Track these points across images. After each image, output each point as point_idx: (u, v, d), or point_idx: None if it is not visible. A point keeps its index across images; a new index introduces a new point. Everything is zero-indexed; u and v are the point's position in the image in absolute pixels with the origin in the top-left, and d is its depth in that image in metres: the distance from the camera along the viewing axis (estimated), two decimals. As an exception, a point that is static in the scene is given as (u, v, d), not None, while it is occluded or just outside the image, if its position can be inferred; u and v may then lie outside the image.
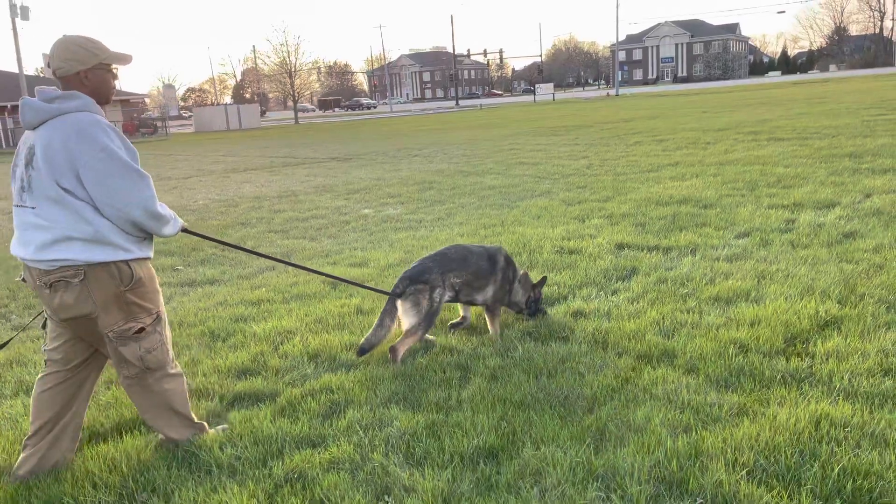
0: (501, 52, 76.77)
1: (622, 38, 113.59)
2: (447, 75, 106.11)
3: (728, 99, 32.14)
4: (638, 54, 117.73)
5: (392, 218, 8.32)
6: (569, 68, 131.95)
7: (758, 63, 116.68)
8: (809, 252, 5.20)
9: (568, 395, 3.15)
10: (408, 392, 3.29)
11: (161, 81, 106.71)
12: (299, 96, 57.64)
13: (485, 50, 78.71)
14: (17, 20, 36.91)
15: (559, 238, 6.35)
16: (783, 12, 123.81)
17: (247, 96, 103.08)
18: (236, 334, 4.30)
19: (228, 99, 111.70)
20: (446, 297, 3.86)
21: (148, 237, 2.74)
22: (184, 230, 2.93)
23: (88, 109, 2.59)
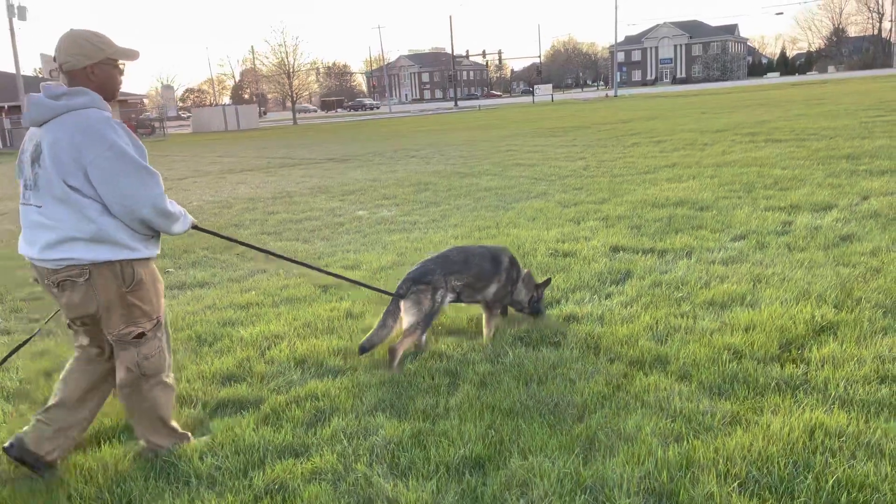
0: (500, 53, 76.73)
1: (621, 40, 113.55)
2: (446, 76, 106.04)
3: (726, 100, 32.09)
4: (637, 55, 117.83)
5: (386, 220, 8.26)
6: (568, 69, 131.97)
7: (756, 64, 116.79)
8: (806, 255, 5.13)
9: (558, 403, 3.08)
10: (395, 399, 3.22)
11: (160, 82, 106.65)
12: (297, 97, 57.55)
13: (483, 51, 78.73)
14: (15, 20, 36.88)
15: (554, 240, 6.29)
16: (781, 14, 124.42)
17: (245, 97, 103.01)
18: (223, 339, 4.23)
19: (227, 99, 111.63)
20: (448, 299, 3.86)
21: (155, 235, 2.70)
22: (194, 227, 2.88)
23: (96, 106, 2.55)
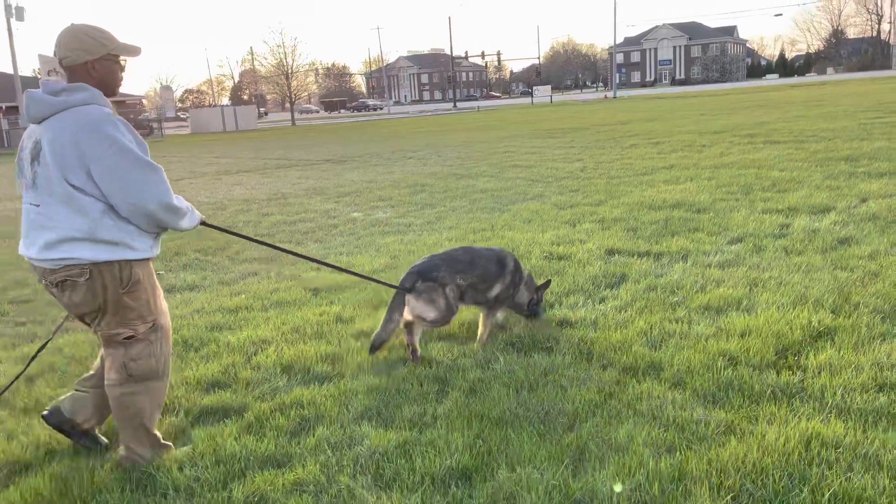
0: (499, 54, 76.44)
1: (620, 41, 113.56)
2: (445, 77, 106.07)
3: (725, 101, 32.04)
4: (636, 56, 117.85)
5: (381, 221, 8.18)
6: (567, 70, 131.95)
7: (755, 66, 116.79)
8: (803, 259, 5.06)
9: (549, 411, 3.01)
10: (381, 407, 3.15)
11: (158, 83, 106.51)
12: (296, 98, 57.47)
13: (482, 52, 78.56)
14: (12, 21, 36.81)
15: (549, 243, 6.22)
16: (780, 15, 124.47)
17: (245, 98, 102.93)
18: (210, 344, 4.15)
19: (226, 101, 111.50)
20: (455, 294, 3.82)
21: (158, 235, 2.65)
22: (203, 223, 2.83)
23: (96, 102, 2.50)
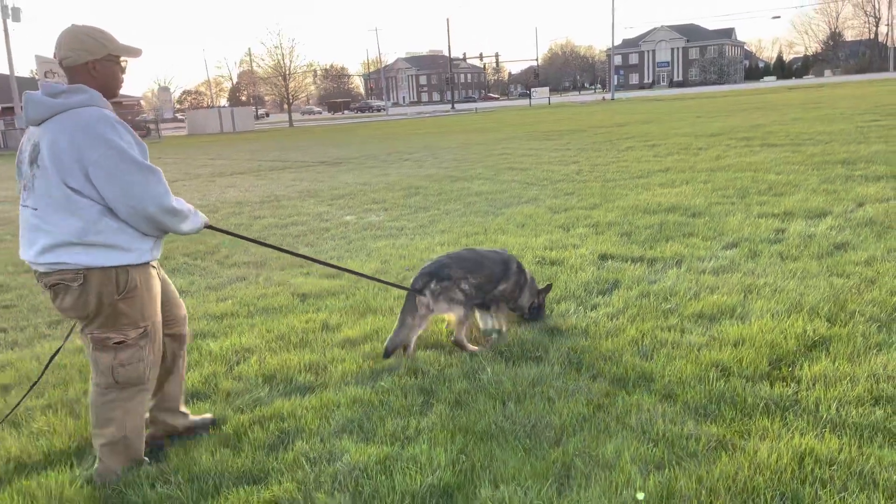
0: (497, 56, 76.53)
1: (618, 43, 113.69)
2: (443, 79, 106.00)
3: (723, 103, 32.01)
4: (634, 58, 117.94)
5: (373, 225, 8.10)
6: (565, 72, 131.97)
7: (753, 68, 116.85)
8: (799, 265, 4.98)
9: (535, 424, 2.92)
10: (363, 420, 3.06)
11: (157, 84, 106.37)
12: (294, 99, 57.38)
13: (481, 53, 78.72)
14: (9, 21, 36.68)
15: (541, 248, 6.13)
16: (778, 17, 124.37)
17: (243, 99, 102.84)
18: (192, 352, 4.05)
19: (224, 101, 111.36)
20: (468, 289, 3.81)
21: (159, 238, 2.60)
22: (209, 227, 2.77)
23: (95, 104, 2.46)
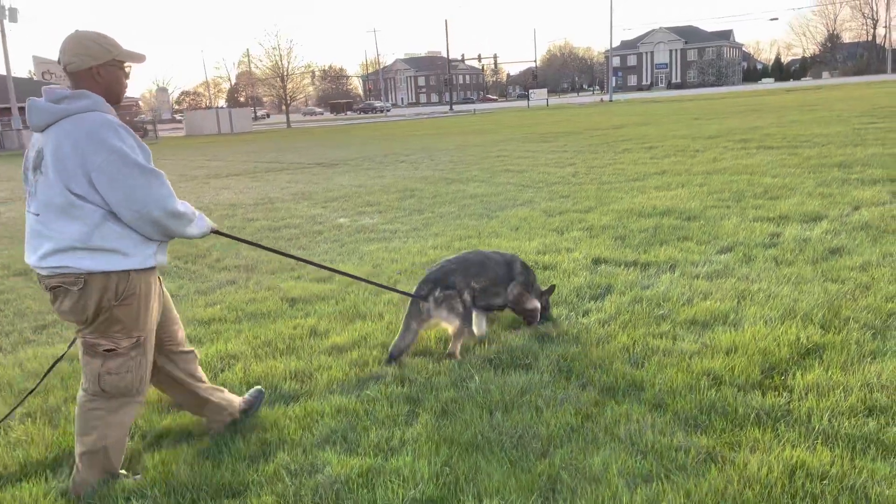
0: (496, 57, 76.53)
1: (617, 44, 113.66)
2: (442, 80, 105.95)
3: (721, 105, 31.99)
4: (632, 60, 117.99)
5: (367, 228, 8.03)
6: (564, 73, 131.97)
7: (751, 70, 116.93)
8: (793, 270, 4.93)
9: (522, 435, 2.86)
10: (348, 430, 3.00)
11: (155, 84, 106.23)
12: (292, 100, 57.32)
13: (479, 55, 78.65)
14: (6, 22, 36.58)
15: (535, 252, 6.08)
16: (776, 19, 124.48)
17: (241, 100, 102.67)
18: (177, 359, 3.99)
19: (223, 102, 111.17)
20: (470, 298, 3.81)
21: (164, 243, 2.58)
22: (215, 232, 2.75)
23: (98, 109, 2.46)
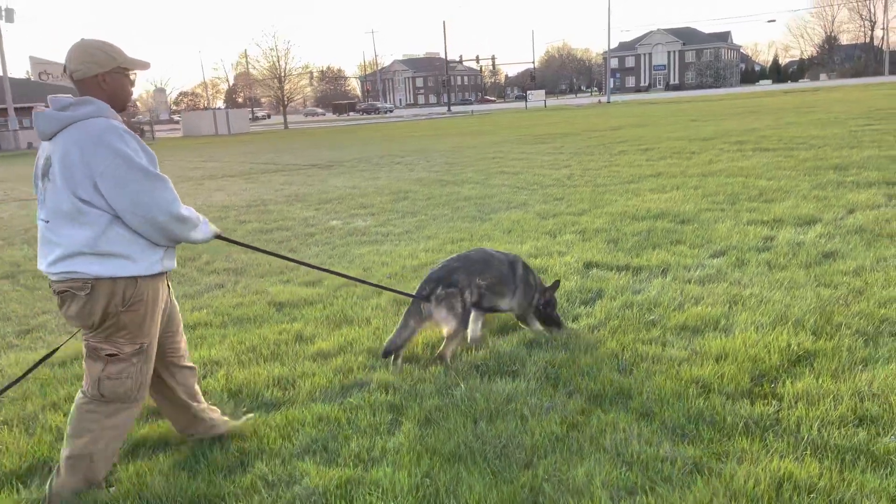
0: (494, 59, 76.63)
1: (615, 46, 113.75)
2: (440, 81, 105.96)
3: (718, 107, 31.98)
4: (630, 62, 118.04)
5: (359, 230, 7.98)
6: (562, 75, 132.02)
7: (749, 71, 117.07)
8: (786, 274, 4.88)
9: (506, 445, 2.81)
10: (328, 440, 2.94)
11: (153, 85, 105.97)
12: (290, 101, 57.26)
13: (477, 56, 78.74)
14: (1, 23, 36.53)
15: (526, 255, 6.00)
16: (773, 21, 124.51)
17: (239, 100, 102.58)
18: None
19: (221, 103, 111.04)
20: (473, 299, 3.77)
21: (171, 248, 2.58)
22: (219, 237, 2.74)
23: (103, 115, 2.48)
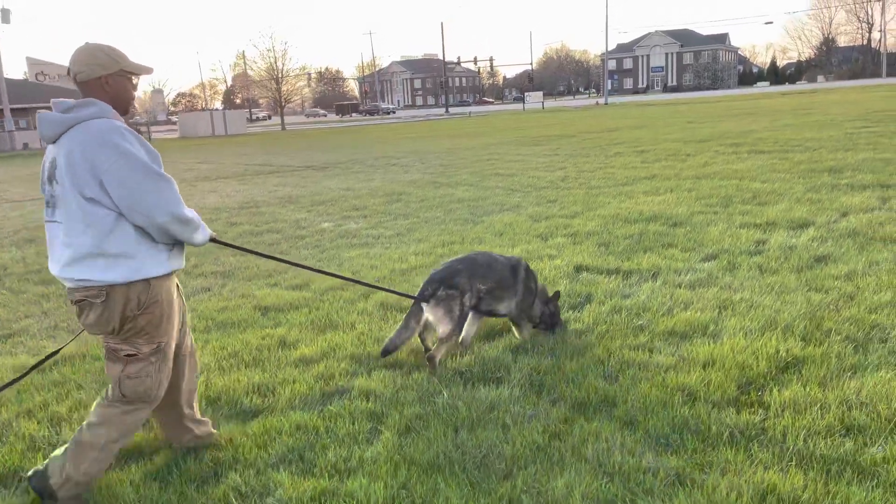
0: (491, 60, 76.58)
1: (613, 47, 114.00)
2: (438, 82, 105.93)
3: (715, 109, 31.97)
4: (628, 63, 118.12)
5: (350, 233, 7.92)
6: (560, 76, 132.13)
7: (747, 73, 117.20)
8: (777, 279, 4.83)
9: (487, 454, 2.75)
10: (305, 449, 2.88)
11: (150, 86, 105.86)
12: (287, 102, 57.19)
13: (475, 57, 78.51)
14: (-2, 23, 36.44)
15: (517, 259, 5.96)
16: (771, 23, 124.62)
17: (238, 102, 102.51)
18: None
19: (219, 104, 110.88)
20: (472, 303, 3.75)
21: (178, 246, 2.57)
22: (213, 240, 2.74)
23: (106, 115, 2.49)
